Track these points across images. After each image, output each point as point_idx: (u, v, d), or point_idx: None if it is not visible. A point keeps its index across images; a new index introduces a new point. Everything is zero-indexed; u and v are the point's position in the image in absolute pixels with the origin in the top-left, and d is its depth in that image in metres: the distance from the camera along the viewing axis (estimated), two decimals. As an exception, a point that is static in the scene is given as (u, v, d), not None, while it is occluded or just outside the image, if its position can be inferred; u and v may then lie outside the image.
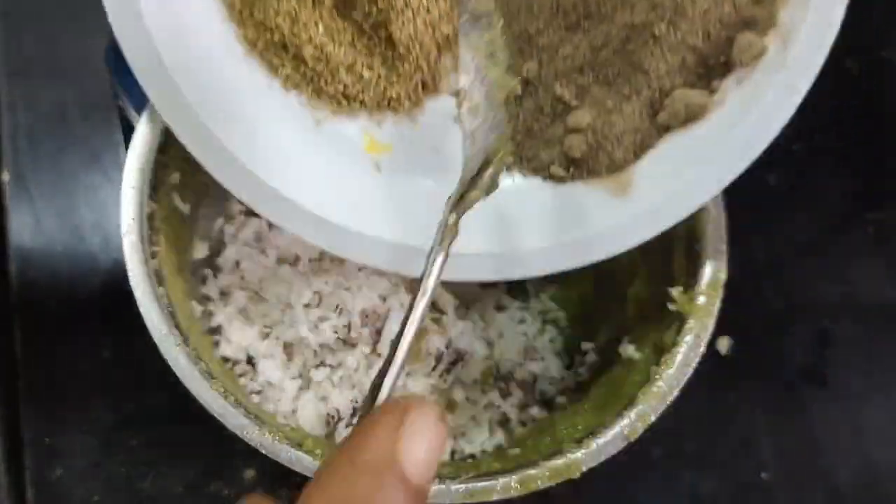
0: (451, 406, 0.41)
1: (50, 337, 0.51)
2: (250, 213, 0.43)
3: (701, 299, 0.34)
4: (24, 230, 0.53)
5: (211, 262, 0.41)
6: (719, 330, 0.55)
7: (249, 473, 0.48)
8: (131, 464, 0.48)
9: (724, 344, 0.54)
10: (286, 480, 0.48)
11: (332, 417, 0.38)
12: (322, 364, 0.39)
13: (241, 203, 0.43)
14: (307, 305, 0.39)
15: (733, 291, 0.56)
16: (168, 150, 0.36)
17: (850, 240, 0.59)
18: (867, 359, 0.55)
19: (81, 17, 0.54)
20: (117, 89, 0.38)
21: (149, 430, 0.49)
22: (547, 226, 0.35)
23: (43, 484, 0.47)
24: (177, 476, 0.48)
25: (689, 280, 0.35)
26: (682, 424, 0.52)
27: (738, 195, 0.59)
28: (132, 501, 0.47)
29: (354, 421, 0.39)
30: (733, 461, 0.51)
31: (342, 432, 0.38)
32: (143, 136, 0.35)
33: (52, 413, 0.49)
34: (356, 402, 0.39)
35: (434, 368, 0.40)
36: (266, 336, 0.40)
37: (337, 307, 0.39)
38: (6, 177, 0.54)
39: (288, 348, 0.40)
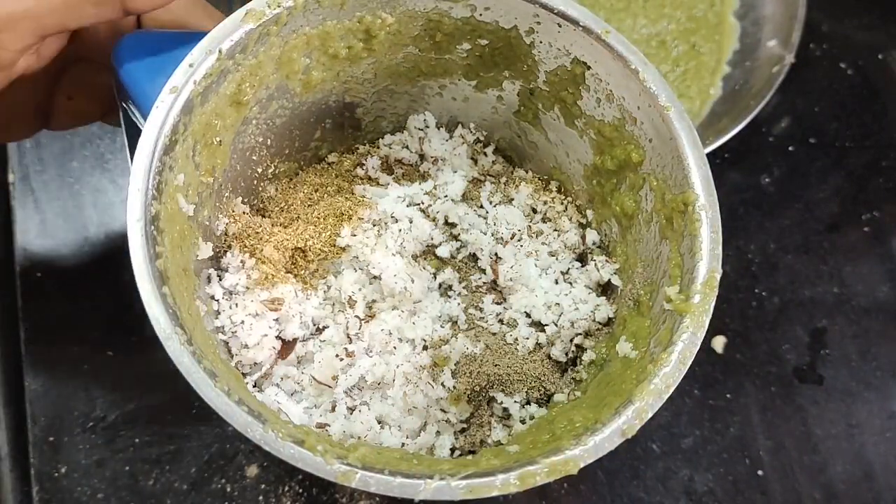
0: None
1: (55, 336, 0.52)
2: (253, 213, 0.44)
3: (696, 298, 0.35)
4: (29, 231, 0.53)
5: (215, 262, 0.42)
6: (715, 329, 0.55)
7: (252, 470, 0.48)
8: (135, 461, 0.48)
9: (719, 342, 0.55)
10: (289, 477, 0.48)
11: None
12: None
13: (243, 204, 0.43)
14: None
15: (729, 290, 0.57)
16: (172, 151, 0.36)
17: (845, 240, 0.59)
18: (861, 357, 0.55)
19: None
20: (122, 91, 0.39)
21: (152, 428, 0.49)
22: None
23: (48, 481, 0.48)
24: (180, 473, 0.48)
25: (685, 279, 0.36)
26: (678, 422, 0.53)
27: (734, 195, 0.60)
28: (136, 498, 0.48)
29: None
30: (729, 457, 0.52)
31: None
32: (147, 137, 0.35)
33: (56, 411, 0.49)
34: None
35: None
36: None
37: (349, 298, 0.39)
38: (12, 178, 0.55)
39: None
